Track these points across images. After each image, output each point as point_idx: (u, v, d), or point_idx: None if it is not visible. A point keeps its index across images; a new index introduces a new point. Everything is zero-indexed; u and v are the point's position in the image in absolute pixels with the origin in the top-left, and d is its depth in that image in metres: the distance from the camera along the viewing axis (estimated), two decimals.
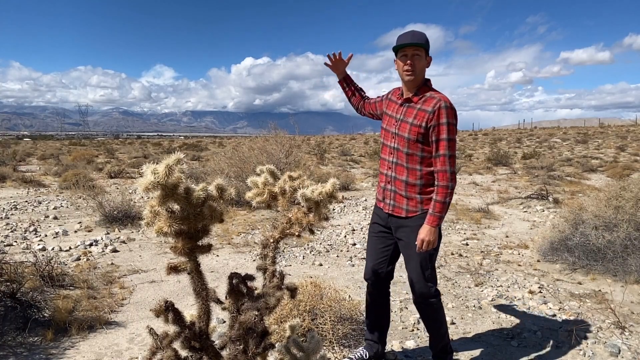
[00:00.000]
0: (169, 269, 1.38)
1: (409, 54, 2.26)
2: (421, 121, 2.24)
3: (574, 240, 4.38)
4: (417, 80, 2.30)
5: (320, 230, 6.21)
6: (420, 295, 2.39)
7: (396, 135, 2.34)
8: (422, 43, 2.25)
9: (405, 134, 2.29)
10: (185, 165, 1.26)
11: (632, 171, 12.75)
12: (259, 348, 1.48)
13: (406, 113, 2.32)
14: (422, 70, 2.29)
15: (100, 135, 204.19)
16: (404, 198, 2.34)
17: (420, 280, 2.35)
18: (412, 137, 2.26)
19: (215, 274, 4.33)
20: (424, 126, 2.23)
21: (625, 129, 48.35)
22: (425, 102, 2.26)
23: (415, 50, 2.26)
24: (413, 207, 2.33)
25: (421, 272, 2.34)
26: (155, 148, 30.62)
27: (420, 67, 2.27)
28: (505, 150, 20.65)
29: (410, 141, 2.27)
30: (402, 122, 2.32)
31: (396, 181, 2.36)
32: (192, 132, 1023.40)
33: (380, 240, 2.51)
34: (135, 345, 2.89)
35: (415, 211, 2.33)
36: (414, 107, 2.30)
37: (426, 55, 2.29)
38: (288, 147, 8.61)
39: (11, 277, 3.14)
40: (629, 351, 2.80)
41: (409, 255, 2.38)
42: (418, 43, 2.24)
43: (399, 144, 2.33)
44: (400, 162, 2.33)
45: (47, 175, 12.79)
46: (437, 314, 2.44)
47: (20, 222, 6.47)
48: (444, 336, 2.50)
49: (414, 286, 2.39)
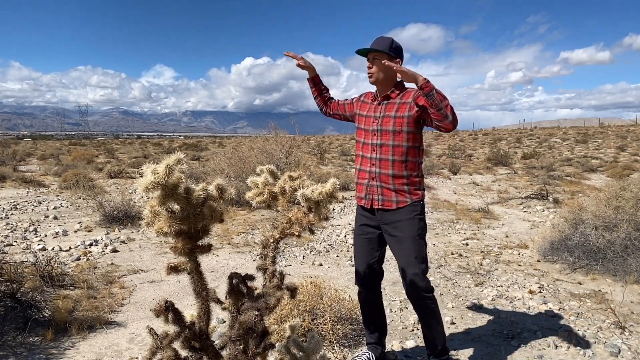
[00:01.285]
0: (169, 269, 1.38)
1: (370, 58, 2.44)
2: (404, 112, 2.35)
3: (574, 240, 4.38)
4: (382, 82, 2.43)
5: (320, 230, 6.21)
6: (419, 289, 2.36)
7: (378, 132, 2.42)
8: (379, 49, 2.38)
9: (389, 127, 2.37)
10: (186, 165, 1.26)
11: (632, 171, 12.75)
12: (259, 348, 1.48)
13: (386, 109, 2.43)
14: (384, 73, 2.40)
15: (100, 135, 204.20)
16: (392, 191, 2.39)
17: (418, 274, 2.34)
18: (397, 128, 2.36)
19: (215, 274, 4.33)
20: (406, 115, 2.34)
21: (625, 129, 48.35)
22: (404, 96, 2.41)
23: (375, 55, 2.41)
24: (402, 197, 2.38)
25: (417, 264, 2.34)
26: (155, 148, 30.62)
27: (380, 70, 2.39)
28: (505, 150, 20.66)
29: (396, 132, 2.36)
30: (383, 118, 2.41)
31: (381, 176, 2.40)
32: (192, 132, 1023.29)
33: (369, 242, 2.53)
34: (135, 345, 2.89)
35: (405, 201, 2.38)
36: (394, 102, 2.42)
37: (391, 59, 2.37)
38: (288, 147, 8.62)
39: (11, 277, 3.14)
40: (629, 351, 2.80)
41: (402, 250, 2.38)
42: (373, 49, 2.40)
43: (382, 139, 2.40)
44: (384, 157, 2.39)
45: (47, 175, 12.79)
46: (435, 309, 2.43)
47: (20, 222, 6.47)
48: (441, 334, 2.48)
49: (412, 281, 2.37)
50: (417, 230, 2.37)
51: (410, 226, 2.36)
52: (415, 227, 2.37)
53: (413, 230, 2.36)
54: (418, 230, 2.37)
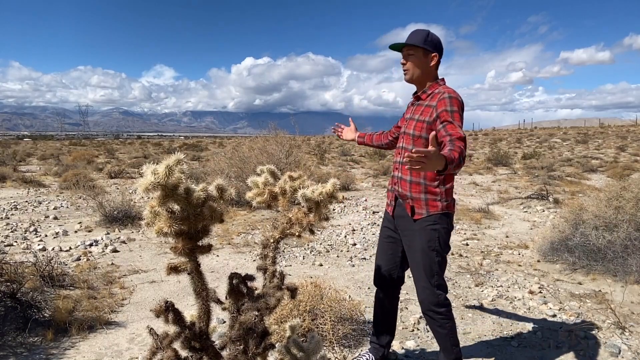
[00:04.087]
0: (169, 269, 1.38)
1: (404, 54, 2.28)
2: (426, 116, 2.20)
3: (574, 240, 4.37)
4: (419, 79, 2.29)
5: (321, 230, 6.21)
6: (428, 303, 2.24)
7: (404, 134, 2.33)
8: (413, 43, 2.22)
9: (410, 130, 2.26)
10: (186, 165, 1.26)
11: (632, 171, 12.74)
12: (259, 348, 1.48)
13: (415, 111, 2.31)
14: (419, 69, 2.26)
15: (101, 135, 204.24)
16: (409, 199, 2.26)
17: (427, 287, 2.21)
18: (417, 133, 2.23)
19: (215, 274, 4.33)
20: (427, 120, 2.19)
21: (625, 129, 48.34)
22: (432, 97, 2.23)
23: (409, 50, 2.25)
24: (418, 208, 2.22)
25: (427, 278, 2.21)
26: (155, 148, 30.62)
27: (414, 66, 2.26)
28: (506, 151, 20.65)
29: (415, 137, 2.24)
30: (409, 120, 2.31)
31: (401, 181, 2.30)
32: (192, 132, 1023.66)
33: (389, 246, 2.43)
34: (136, 346, 2.89)
35: (420, 213, 2.22)
36: (422, 104, 2.28)
37: (427, 53, 2.24)
38: (288, 147, 8.61)
39: (11, 277, 3.14)
40: (629, 351, 2.80)
41: (414, 261, 2.27)
42: (408, 43, 2.24)
43: (405, 142, 2.30)
44: None
45: (47, 176, 12.79)
46: (447, 325, 2.26)
47: (20, 222, 6.47)
48: (455, 349, 2.30)
49: (421, 294, 2.26)
50: (428, 242, 2.19)
51: (421, 237, 2.21)
52: (426, 238, 2.20)
53: (423, 241, 2.21)
54: (429, 242, 2.19)
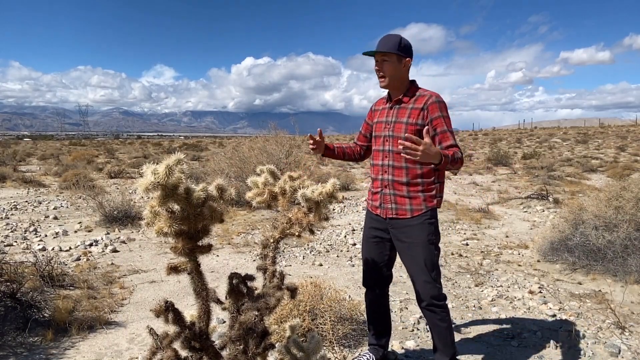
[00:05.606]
0: (169, 269, 1.38)
1: (379, 60, 2.29)
2: (416, 119, 2.25)
3: (574, 240, 4.38)
4: (395, 84, 2.32)
5: (320, 230, 6.21)
6: (430, 297, 2.26)
7: (390, 138, 2.32)
8: (387, 50, 2.24)
9: (401, 134, 2.26)
10: (186, 165, 1.26)
11: (632, 171, 12.74)
12: (259, 348, 1.48)
13: (398, 114, 2.31)
14: (394, 75, 2.29)
15: (101, 135, 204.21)
16: (407, 198, 2.28)
17: (429, 281, 2.25)
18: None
19: (215, 274, 4.33)
20: (419, 123, 2.24)
21: (625, 129, 48.33)
22: (417, 100, 2.28)
23: (383, 56, 2.27)
24: (417, 205, 2.27)
25: (428, 272, 2.25)
26: (155, 148, 30.62)
27: (390, 72, 2.28)
28: (506, 150, 20.64)
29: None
30: (395, 124, 2.31)
31: (394, 183, 2.31)
32: (192, 132, 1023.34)
33: (377, 246, 2.45)
34: (135, 346, 2.89)
35: (419, 209, 2.27)
36: (406, 107, 2.30)
37: (401, 58, 2.26)
38: (288, 147, 8.62)
39: (11, 277, 3.14)
40: (629, 351, 2.80)
41: (414, 257, 2.29)
42: (380, 50, 2.25)
43: (393, 145, 2.29)
44: (397, 165, 2.29)
45: (47, 175, 12.79)
46: (446, 318, 2.32)
47: (20, 222, 6.47)
48: (451, 345, 2.36)
49: (423, 289, 2.27)
50: (428, 235, 2.26)
51: (420, 231, 2.26)
52: (426, 232, 2.26)
53: (423, 235, 2.25)
54: (429, 236, 2.26)
